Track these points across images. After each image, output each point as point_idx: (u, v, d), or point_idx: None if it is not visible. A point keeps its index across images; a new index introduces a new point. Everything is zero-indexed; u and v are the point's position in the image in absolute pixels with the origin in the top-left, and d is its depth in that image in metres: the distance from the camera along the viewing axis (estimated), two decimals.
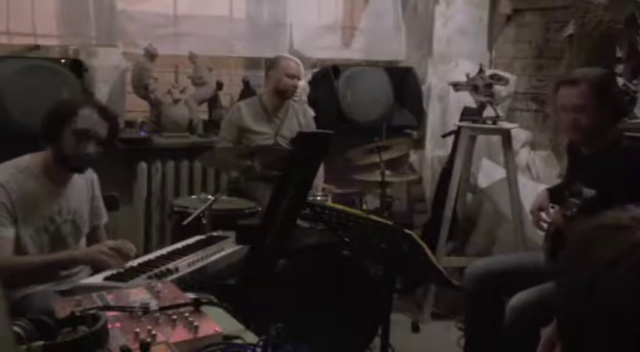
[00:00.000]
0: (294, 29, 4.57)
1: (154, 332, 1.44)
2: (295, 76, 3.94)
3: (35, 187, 2.38)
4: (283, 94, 3.94)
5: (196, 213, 3.00)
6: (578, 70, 2.66)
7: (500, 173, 4.08)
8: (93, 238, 2.63)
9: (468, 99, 4.05)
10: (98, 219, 2.68)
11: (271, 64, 4.02)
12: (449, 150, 4.28)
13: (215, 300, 1.70)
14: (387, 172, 3.83)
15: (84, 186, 2.57)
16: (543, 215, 2.71)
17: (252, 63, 4.57)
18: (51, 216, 2.43)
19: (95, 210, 2.65)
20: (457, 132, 3.98)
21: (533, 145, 4.39)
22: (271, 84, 3.96)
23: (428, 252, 2.09)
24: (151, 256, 2.45)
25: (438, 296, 3.87)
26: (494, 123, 3.78)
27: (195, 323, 1.51)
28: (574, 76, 2.54)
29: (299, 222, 3.02)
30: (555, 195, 2.73)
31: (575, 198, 2.29)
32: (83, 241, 2.58)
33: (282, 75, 3.91)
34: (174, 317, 1.54)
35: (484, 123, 3.80)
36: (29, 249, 2.38)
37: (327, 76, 4.52)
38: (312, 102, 4.53)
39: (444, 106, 4.65)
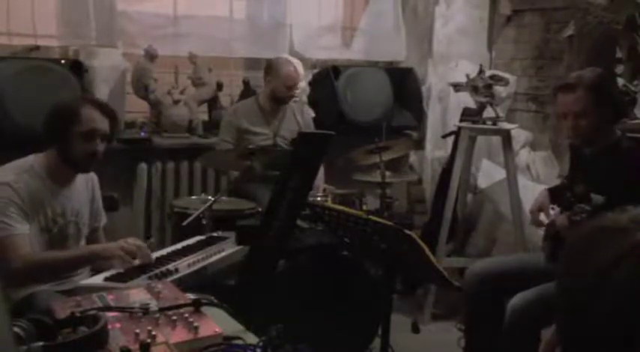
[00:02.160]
0: (294, 30, 4.57)
1: (154, 333, 1.44)
2: (294, 86, 3.93)
3: (40, 188, 2.39)
4: (281, 101, 3.94)
5: (196, 213, 3.00)
6: (573, 74, 2.63)
7: (500, 173, 4.08)
8: (92, 240, 2.63)
9: (468, 100, 4.05)
10: (98, 221, 2.68)
11: (270, 68, 3.93)
12: (449, 151, 4.28)
13: (215, 301, 1.70)
14: (387, 173, 3.83)
15: (85, 187, 2.57)
16: (543, 215, 2.71)
17: (252, 63, 4.58)
18: (54, 218, 2.43)
19: (95, 212, 2.65)
20: (457, 133, 3.98)
21: (533, 146, 4.39)
22: (269, 88, 3.93)
23: (428, 252, 2.09)
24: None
25: (438, 297, 3.87)
26: (494, 123, 3.78)
27: (196, 324, 1.51)
28: (570, 82, 2.52)
29: (299, 222, 3.03)
30: (556, 195, 2.73)
31: (585, 203, 2.28)
32: (83, 243, 2.58)
33: (281, 84, 3.86)
34: (175, 317, 1.54)
35: (484, 123, 3.80)
36: (35, 249, 2.37)
37: (327, 77, 4.52)
38: (312, 102, 4.53)
39: (444, 107, 4.65)
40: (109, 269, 2.26)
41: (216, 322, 1.56)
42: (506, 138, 3.76)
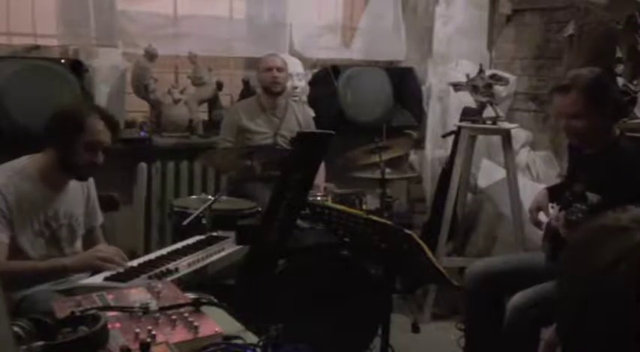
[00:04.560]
0: (294, 29, 4.58)
1: (153, 333, 1.44)
2: (272, 69, 3.95)
3: (32, 190, 2.36)
4: (268, 90, 3.96)
5: (196, 213, 3.00)
6: (570, 74, 2.61)
7: (500, 173, 4.08)
8: (89, 239, 2.62)
9: (468, 100, 4.04)
10: (94, 221, 2.66)
11: (257, 65, 4.09)
12: (449, 151, 4.28)
13: (215, 300, 1.71)
14: (388, 170, 3.83)
15: (79, 188, 2.55)
16: (541, 214, 2.71)
17: (252, 63, 4.57)
18: (47, 221, 2.41)
19: (91, 212, 2.63)
20: (457, 133, 3.98)
21: (533, 145, 4.39)
22: (259, 84, 4.04)
23: (428, 252, 2.09)
24: (151, 256, 2.44)
25: (438, 297, 3.87)
26: (494, 123, 3.78)
27: (195, 324, 1.51)
28: (565, 83, 2.50)
29: (299, 222, 3.02)
30: (555, 194, 2.73)
31: (580, 203, 2.28)
32: (79, 243, 2.56)
33: (262, 72, 3.99)
34: (174, 317, 1.54)
35: (484, 123, 3.80)
36: (28, 253, 2.36)
37: (327, 76, 4.52)
38: (312, 102, 4.53)
39: (444, 106, 4.65)
40: (106, 270, 2.26)
41: (216, 322, 1.56)
42: (506, 137, 3.76)
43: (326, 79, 4.52)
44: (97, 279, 2.16)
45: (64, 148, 2.38)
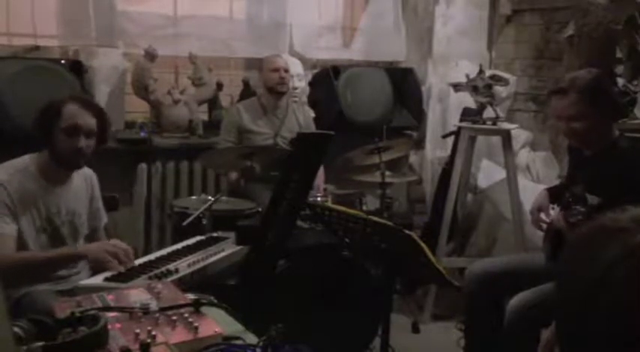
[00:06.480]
0: (294, 29, 4.58)
1: (154, 333, 1.44)
2: (279, 69, 3.94)
3: (34, 188, 2.38)
4: (274, 90, 3.95)
5: (196, 213, 3.00)
6: (567, 76, 2.62)
7: (500, 174, 4.08)
8: (92, 239, 2.62)
9: (468, 100, 4.04)
10: (98, 220, 2.67)
11: (260, 66, 4.07)
12: (449, 151, 4.28)
13: (215, 301, 1.70)
14: (387, 173, 3.83)
15: (83, 186, 2.57)
16: (542, 216, 2.71)
17: (252, 63, 4.57)
18: (49, 217, 2.43)
19: (95, 211, 2.64)
20: (457, 133, 3.99)
21: (533, 146, 4.39)
22: (263, 84, 4.01)
23: (428, 252, 2.09)
24: (151, 257, 2.44)
25: (438, 297, 3.87)
26: (494, 123, 3.78)
27: (195, 324, 1.51)
28: (563, 85, 2.50)
29: (299, 222, 3.03)
30: (555, 195, 2.73)
31: (580, 205, 2.28)
32: (81, 242, 2.57)
33: (268, 72, 3.95)
34: (175, 317, 1.54)
35: (484, 123, 3.80)
36: (30, 249, 2.37)
37: (327, 77, 4.52)
38: (312, 102, 4.53)
39: (444, 107, 4.65)
40: (108, 270, 2.26)
41: (216, 322, 1.56)
42: (506, 138, 3.76)
43: (326, 80, 4.52)
44: (97, 280, 2.16)
45: (47, 138, 2.39)
